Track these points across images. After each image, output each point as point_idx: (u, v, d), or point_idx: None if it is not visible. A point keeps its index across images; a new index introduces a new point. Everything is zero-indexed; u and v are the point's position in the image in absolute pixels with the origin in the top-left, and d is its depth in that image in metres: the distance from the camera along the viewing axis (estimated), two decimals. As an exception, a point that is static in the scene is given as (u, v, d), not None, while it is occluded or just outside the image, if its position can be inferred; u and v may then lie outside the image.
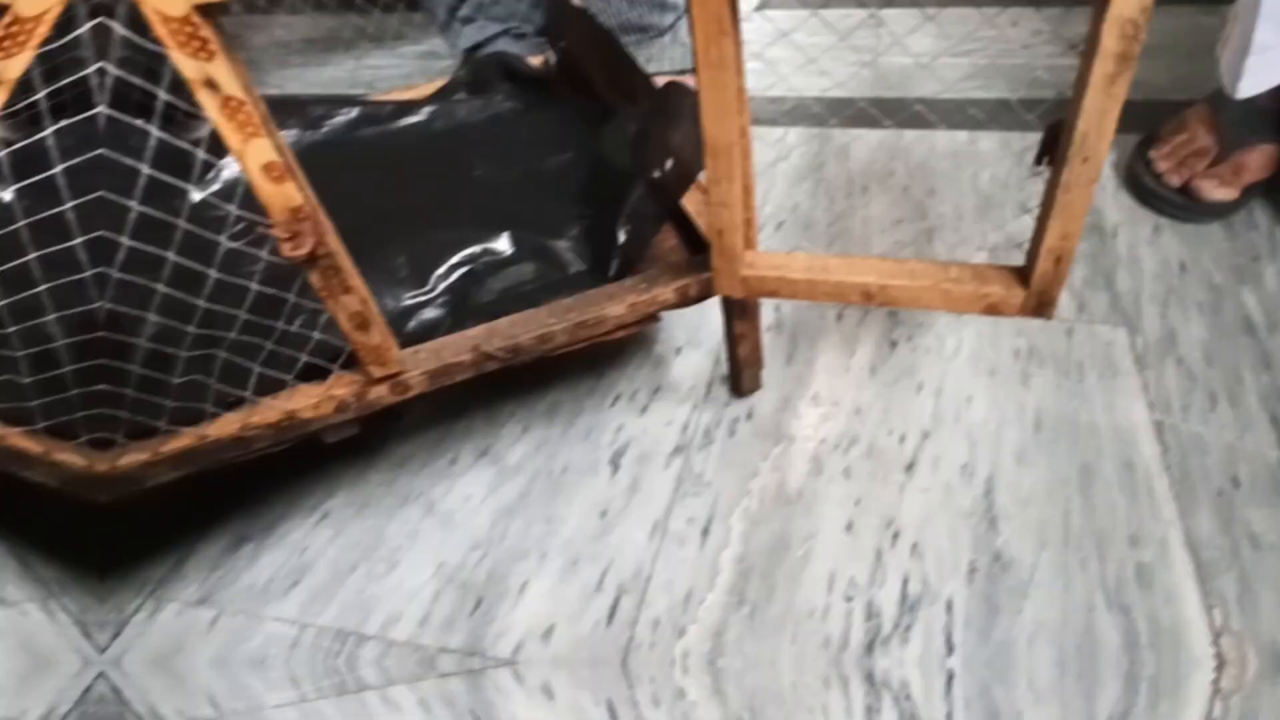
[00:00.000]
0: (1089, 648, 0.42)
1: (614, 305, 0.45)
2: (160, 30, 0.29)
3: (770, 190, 0.75)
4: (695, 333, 0.60)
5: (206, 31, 0.29)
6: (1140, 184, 0.68)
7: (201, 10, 0.29)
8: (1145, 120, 0.74)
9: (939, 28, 1.00)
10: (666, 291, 0.46)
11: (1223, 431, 0.50)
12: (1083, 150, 0.36)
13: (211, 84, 0.30)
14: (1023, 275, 0.43)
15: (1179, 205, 0.65)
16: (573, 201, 0.50)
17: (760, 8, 1.11)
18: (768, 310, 0.62)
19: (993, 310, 0.43)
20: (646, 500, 0.50)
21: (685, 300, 0.46)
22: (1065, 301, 0.59)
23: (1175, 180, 0.65)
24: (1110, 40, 0.32)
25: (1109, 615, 0.43)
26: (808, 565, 0.46)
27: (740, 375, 0.53)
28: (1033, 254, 0.41)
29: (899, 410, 0.54)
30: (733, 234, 0.43)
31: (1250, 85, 0.59)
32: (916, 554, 0.46)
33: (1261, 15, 0.57)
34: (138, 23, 0.30)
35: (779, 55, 0.97)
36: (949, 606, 0.44)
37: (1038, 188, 0.69)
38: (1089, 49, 0.33)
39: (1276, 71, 0.59)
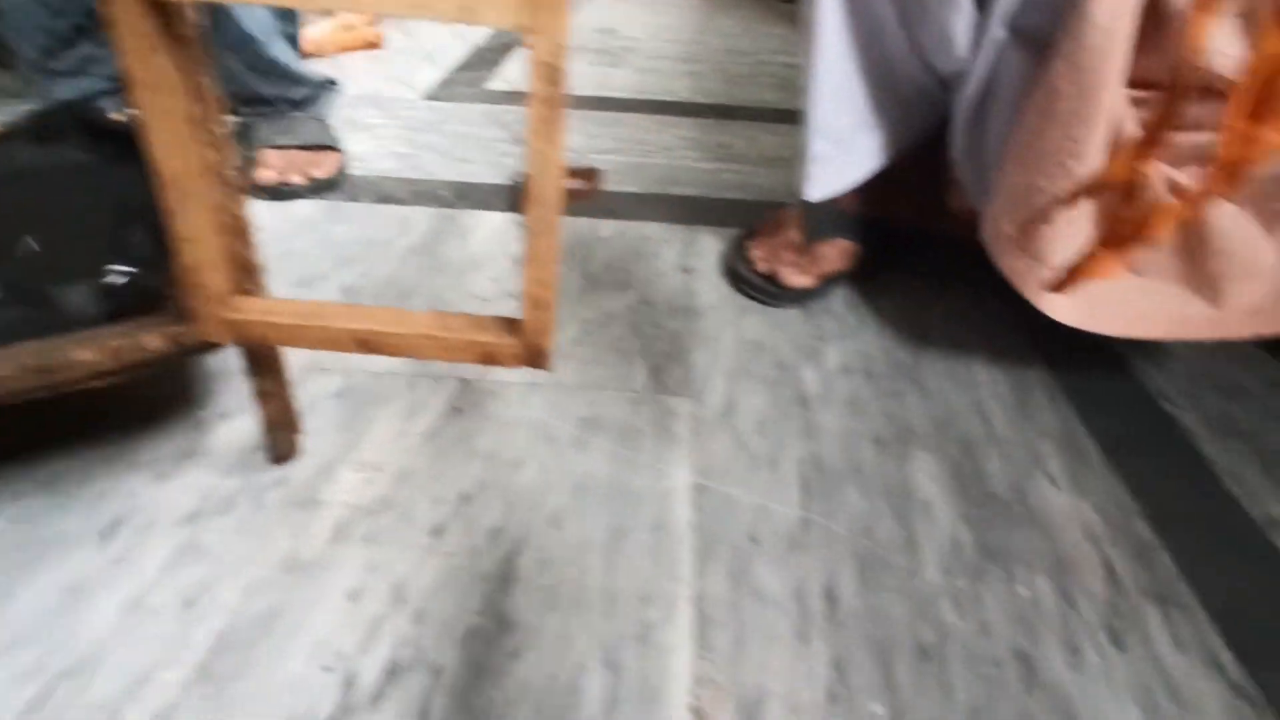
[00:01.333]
0: (570, 708, 0.40)
1: (84, 350, 0.42)
2: None
3: (378, 266, 0.76)
4: (247, 399, 0.58)
5: None
6: (735, 271, 0.75)
7: None
8: (755, 218, 0.83)
9: (594, 127, 1.11)
10: (155, 338, 0.43)
11: (753, 493, 0.53)
12: (537, 197, 0.38)
13: None
14: (515, 326, 0.44)
15: (763, 290, 0.72)
16: (103, 252, 0.48)
17: (429, 97, 1.19)
18: (334, 378, 0.60)
19: (489, 359, 0.44)
20: (132, 573, 0.45)
21: (182, 349, 0.44)
22: (641, 375, 0.63)
23: (763, 268, 0.72)
24: (539, 84, 0.34)
25: (600, 674, 0.42)
26: (296, 636, 0.42)
27: (275, 439, 0.51)
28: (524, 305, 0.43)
29: (447, 476, 0.53)
30: (208, 272, 0.41)
31: (813, 190, 0.67)
32: (420, 620, 0.44)
33: (813, 129, 0.65)
34: None
35: (428, 141, 1.04)
36: (437, 673, 0.41)
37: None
38: (530, 100, 0.35)
39: (834, 180, 0.68)
